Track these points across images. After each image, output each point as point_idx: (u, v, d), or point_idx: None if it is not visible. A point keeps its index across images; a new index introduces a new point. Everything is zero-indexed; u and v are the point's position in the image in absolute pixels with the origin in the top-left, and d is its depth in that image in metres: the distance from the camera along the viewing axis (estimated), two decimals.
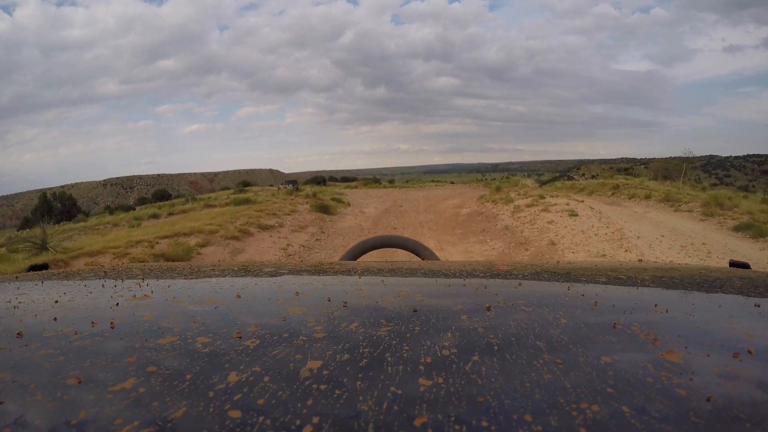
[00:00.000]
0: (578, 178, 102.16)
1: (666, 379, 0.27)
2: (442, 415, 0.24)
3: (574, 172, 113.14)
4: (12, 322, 0.38)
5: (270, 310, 0.41)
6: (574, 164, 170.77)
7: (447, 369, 0.28)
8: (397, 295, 0.45)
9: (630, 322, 0.36)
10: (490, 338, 0.33)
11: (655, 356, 0.30)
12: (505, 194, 13.30)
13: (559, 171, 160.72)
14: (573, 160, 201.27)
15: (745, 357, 0.30)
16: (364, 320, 0.37)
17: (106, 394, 0.26)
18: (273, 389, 0.26)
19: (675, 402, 0.25)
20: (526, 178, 17.38)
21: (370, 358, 0.30)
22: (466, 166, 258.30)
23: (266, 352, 0.31)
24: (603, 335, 0.33)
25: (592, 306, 0.40)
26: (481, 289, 0.47)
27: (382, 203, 15.77)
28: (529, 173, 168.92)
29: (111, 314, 0.39)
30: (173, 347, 0.32)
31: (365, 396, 0.25)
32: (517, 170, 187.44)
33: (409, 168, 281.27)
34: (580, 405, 0.24)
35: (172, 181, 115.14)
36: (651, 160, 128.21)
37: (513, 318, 0.37)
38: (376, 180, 54.44)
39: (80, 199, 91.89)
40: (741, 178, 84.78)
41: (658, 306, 0.40)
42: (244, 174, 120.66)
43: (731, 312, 0.41)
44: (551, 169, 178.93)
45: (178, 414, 0.24)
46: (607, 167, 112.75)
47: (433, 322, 0.36)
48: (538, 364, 0.29)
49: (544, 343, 0.32)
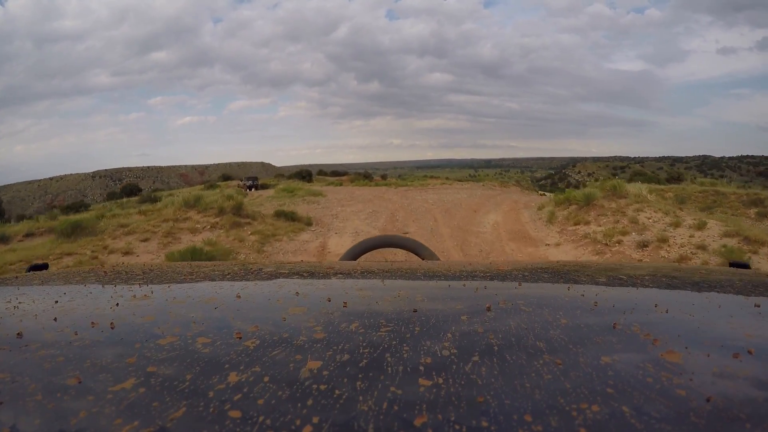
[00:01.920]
0: (574, 175, 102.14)
1: (666, 379, 0.27)
2: (442, 416, 0.24)
3: (569, 169, 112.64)
4: (12, 322, 0.38)
5: (270, 310, 0.41)
6: (568, 162, 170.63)
7: (447, 369, 0.28)
8: (397, 295, 0.45)
9: (630, 322, 0.36)
10: (490, 339, 0.33)
11: (655, 356, 0.30)
12: (616, 216, 7.40)
13: (553, 168, 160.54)
14: (566, 158, 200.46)
15: (745, 357, 0.30)
16: (364, 321, 0.37)
17: (106, 394, 0.26)
18: (273, 389, 0.26)
19: (675, 402, 0.25)
20: (628, 181, 10.56)
21: (370, 359, 0.30)
22: (459, 161, 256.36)
23: (266, 353, 0.31)
24: (603, 335, 0.33)
25: (592, 306, 0.40)
26: (481, 289, 0.47)
27: (371, 219, 9.38)
28: (522, 170, 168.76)
29: (111, 315, 0.39)
30: (173, 347, 0.32)
31: (365, 396, 0.25)
32: (510, 166, 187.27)
33: (401, 162, 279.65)
34: (580, 405, 0.24)
35: (162, 174, 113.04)
36: (644, 159, 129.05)
37: (513, 318, 0.37)
38: (366, 175, 49.99)
39: (68, 192, 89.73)
40: (737, 179, 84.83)
41: (658, 306, 0.40)
42: (235, 167, 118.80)
43: (731, 312, 0.41)
44: (544, 166, 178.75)
45: (178, 414, 0.24)
46: (603, 165, 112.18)
47: (433, 322, 0.36)
48: (538, 365, 0.29)
49: (544, 343, 0.32)
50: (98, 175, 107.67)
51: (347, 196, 14.96)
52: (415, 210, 10.82)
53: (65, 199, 71.69)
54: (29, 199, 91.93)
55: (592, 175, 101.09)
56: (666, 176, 23.17)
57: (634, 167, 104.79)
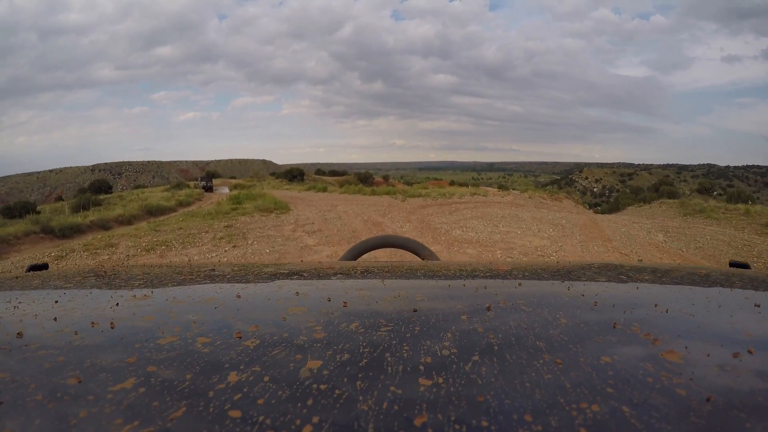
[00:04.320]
0: (581, 181, 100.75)
1: (666, 379, 0.27)
2: (442, 415, 0.24)
3: (576, 175, 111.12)
4: (12, 322, 0.38)
5: (270, 310, 0.41)
6: (571, 167, 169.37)
7: (447, 369, 0.28)
8: (397, 295, 0.45)
9: (630, 321, 0.36)
10: (490, 338, 0.33)
11: (655, 356, 0.30)
12: None
13: (557, 173, 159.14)
14: (569, 163, 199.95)
15: (746, 357, 0.30)
16: (364, 320, 0.37)
17: (107, 394, 0.26)
18: (273, 389, 0.26)
19: (675, 402, 0.25)
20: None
21: (370, 358, 0.30)
22: (461, 164, 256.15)
23: (266, 352, 0.31)
24: (603, 335, 0.33)
25: (592, 306, 0.40)
26: (481, 289, 0.47)
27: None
28: (526, 174, 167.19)
29: (111, 314, 0.39)
30: (173, 347, 0.32)
31: (365, 396, 0.25)
32: (513, 170, 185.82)
33: (403, 164, 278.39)
34: (580, 405, 0.24)
35: (162, 169, 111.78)
36: (650, 166, 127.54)
37: (513, 318, 0.37)
38: (364, 178, 43.39)
39: (66, 184, 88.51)
40: (745, 189, 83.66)
41: (658, 306, 0.40)
42: (236, 164, 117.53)
43: (731, 312, 0.41)
44: (547, 171, 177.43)
45: (178, 414, 0.24)
46: (609, 171, 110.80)
47: (433, 322, 0.36)
48: (538, 364, 0.29)
49: (544, 343, 0.32)
50: (98, 168, 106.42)
51: (319, 216, 9.68)
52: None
53: (63, 192, 70.34)
54: (27, 191, 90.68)
55: (600, 181, 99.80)
56: (696, 188, 21.87)
57: (642, 175, 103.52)
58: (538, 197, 14.16)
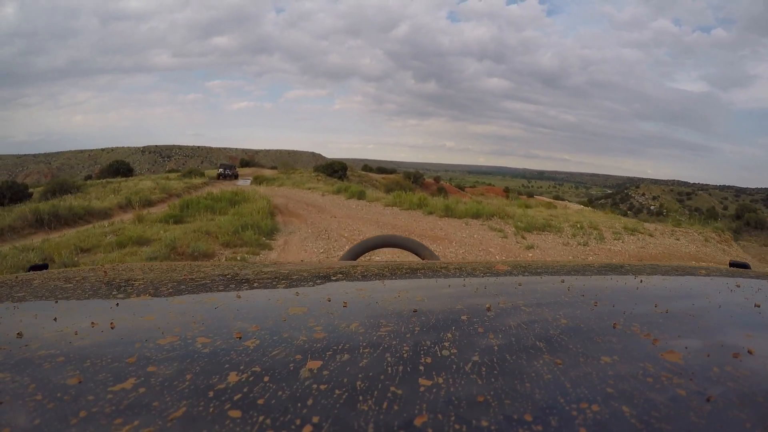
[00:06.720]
0: (638, 197, 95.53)
1: (666, 379, 0.27)
2: (442, 416, 0.24)
3: (632, 190, 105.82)
4: (12, 322, 0.38)
5: (270, 310, 0.41)
6: (623, 180, 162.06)
7: (447, 369, 0.28)
8: (397, 295, 0.45)
9: (630, 322, 0.36)
10: (490, 338, 0.33)
11: (655, 356, 0.30)
12: None
13: (609, 186, 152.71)
14: (621, 177, 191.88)
15: (745, 357, 0.30)
16: (364, 320, 0.37)
17: (106, 394, 0.26)
18: (273, 389, 0.26)
19: (675, 402, 0.25)
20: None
21: (370, 358, 0.30)
22: (511, 170, 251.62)
23: (266, 352, 0.31)
24: (603, 335, 0.33)
25: (592, 306, 0.41)
26: (481, 289, 0.47)
27: None
28: (577, 185, 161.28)
29: (111, 314, 0.39)
30: (173, 347, 0.32)
31: (365, 396, 0.25)
32: (564, 180, 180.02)
33: (453, 166, 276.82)
34: (580, 405, 0.24)
35: (211, 154, 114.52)
36: (707, 186, 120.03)
37: (513, 318, 0.37)
38: (415, 177, 40.83)
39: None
40: None
41: (657, 306, 0.40)
42: (284, 154, 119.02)
43: (731, 312, 0.41)
44: (599, 183, 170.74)
45: (178, 414, 0.24)
46: (666, 189, 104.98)
47: (433, 322, 0.36)
48: (538, 365, 0.29)
49: (544, 343, 0.32)
50: (148, 150, 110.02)
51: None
52: None
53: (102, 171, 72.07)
54: (78, 167, 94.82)
55: (657, 199, 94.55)
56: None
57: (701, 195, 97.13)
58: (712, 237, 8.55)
